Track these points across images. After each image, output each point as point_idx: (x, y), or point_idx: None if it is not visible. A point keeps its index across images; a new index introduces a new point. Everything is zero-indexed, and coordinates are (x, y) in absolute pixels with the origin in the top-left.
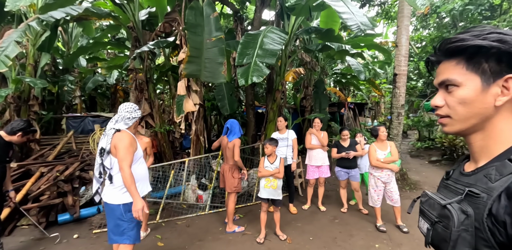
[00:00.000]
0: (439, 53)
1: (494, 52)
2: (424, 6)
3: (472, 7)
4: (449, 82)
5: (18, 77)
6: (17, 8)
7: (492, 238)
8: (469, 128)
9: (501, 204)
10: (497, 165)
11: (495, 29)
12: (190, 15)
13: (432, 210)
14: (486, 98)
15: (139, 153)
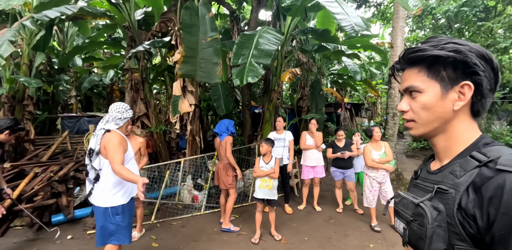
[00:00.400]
0: (403, 62)
1: (450, 61)
2: (416, 7)
3: (467, 8)
4: (412, 89)
5: (12, 77)
6: (10, 7)
7: (463, 231)
8: (432, 131)
9: (470, 198)
10: (460, 161)
11: (452, 39)
12: (185, 15)
13: (406, 209)
14: (446, 103)
15: (130, 154)
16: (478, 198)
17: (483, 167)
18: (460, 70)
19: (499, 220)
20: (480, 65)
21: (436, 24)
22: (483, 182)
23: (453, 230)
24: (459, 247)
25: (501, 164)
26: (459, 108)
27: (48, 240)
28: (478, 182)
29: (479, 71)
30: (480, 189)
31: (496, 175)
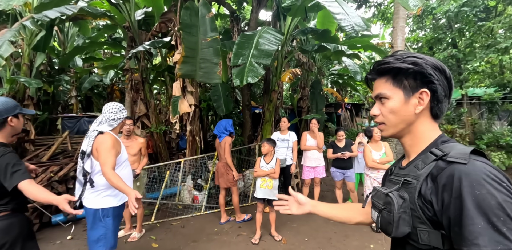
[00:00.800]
0: (373, 72)
1: (410, 72)
2: (416, 7)
3: (468, 8)
4: (381, 96)
5: (12, 77)
6: (10, 7)
7: (423, 215)
8: (399, 132)
9: (428, 186)
10: (422, 157)
11: (412, 54)
12: (185, 16)
13: (379, 200)
14: (408, 107)
15: (123, 156)
16: (434, 186)
17: (439, 160)
18: (418, 80)
19: (452, 203)
20: (434, 75)
21: (437, 24)
22: (439, 173)
23: (415, 214)
24: (421, 229)
25: (451, 157)
26: (420, 111)
27: (48, 240)
28: (434, 172)
29: (434, 80)
30: (436, 178)
31: (448, 166)
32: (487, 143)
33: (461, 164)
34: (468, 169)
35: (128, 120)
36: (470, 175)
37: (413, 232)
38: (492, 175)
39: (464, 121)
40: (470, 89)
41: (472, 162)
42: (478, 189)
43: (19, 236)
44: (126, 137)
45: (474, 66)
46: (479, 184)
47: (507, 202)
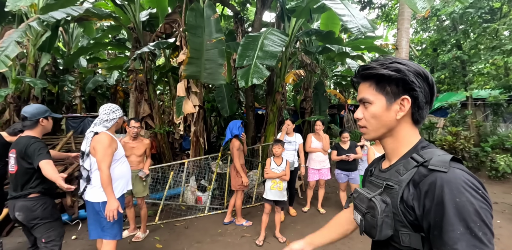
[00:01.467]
0: (358, 76)
1: (393, 79)
2: (424, 10)
3: (472, 10)
4: (364, 100)
5: (18, 77)
6: (17, 8)
7: (405, 219)
8: (381, 135)
9: (410, 192)
10: (403, 162)
11: (396, 59)
12: (191, 17)
13: (362, 203)
14: (390, 113)
15: (120, 153)
16: (416, 192)
17: (420, 166)
18: (401, 86)
19: (433, 209)
20: (416, 82)
21: (441, 26)
22: (421, 179)
23: (397, 218)
24: (402, 232)
25: (432, 165)
26: (401, 117)
27: None
28: (417, 179)
29: (416, 88)
30: (418, 184)
31: (429, 173)
32: (492, 145)
33: (442, 172)
34: (449, 177)
35: (136, 123)
36: (450, 183)
37: (395, 235)
38: (470, 183)
39: (468, 124)
40: (475, 91)
41: (452, 170)
42: (458, 196)
43: (44, 215)
44: (132, 138)
45: (479, 68)
46: (459, 191)
47: (482, 208)
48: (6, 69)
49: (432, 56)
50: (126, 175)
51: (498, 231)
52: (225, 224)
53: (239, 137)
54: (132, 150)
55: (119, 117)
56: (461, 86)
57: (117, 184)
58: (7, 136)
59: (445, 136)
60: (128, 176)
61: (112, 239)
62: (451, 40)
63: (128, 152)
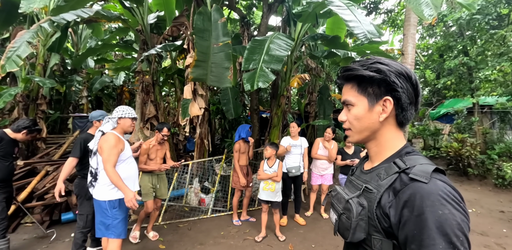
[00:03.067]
0: (340, 78)
1: (374, 79)
2: (431, 17)
3: (480, 16)
4: (347, 102)
5: (27, 77)
6: (31, 10)
7: (379, 224)
8: (365, 138)
9: (388, 199)
10: (385, 166)
11: (378, 59)
12: (198, 20)
13: (339, 203)
14: (372, 115)
15: (126, 154)
16: (395, 200)
17: (401, 173)
18: (382, 87)
19: (413, 221)
20: (398, 82)
21: (447, 32)
22: (401, 188)
23: (371, 223)
24: (375, 237)
25: (413, 174)
26: (384, 119)
27: (57, 238)
28: (397, 187)
29: (398, 88)
30: (398, 193)
31: (410, 182)
32: (499, 153)
33: (422, 183)
34: (431, 188)
35: (168, 132)
36: (431, 195)
37: (368, 239)
38: (451, 195)
39: (475, 131)
40: (481, 98)
41: (433, 181)
42: (441, 209)
43: (84, 193)
44: (159, 143)
45: (486, 74)
46: (440, 204)
47: (463, 222)
48: (17, 69)
49: (438, 62)
50: (132, 175)
51: (504, 240)
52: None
53: (246, 140)
54: (157, 152)
55: (118, 117)
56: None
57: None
58: (11, 133)
59: (451, 142)
60: (134, 176)
61: (117, 237)
62: (458, 46)
63: (154, 154)
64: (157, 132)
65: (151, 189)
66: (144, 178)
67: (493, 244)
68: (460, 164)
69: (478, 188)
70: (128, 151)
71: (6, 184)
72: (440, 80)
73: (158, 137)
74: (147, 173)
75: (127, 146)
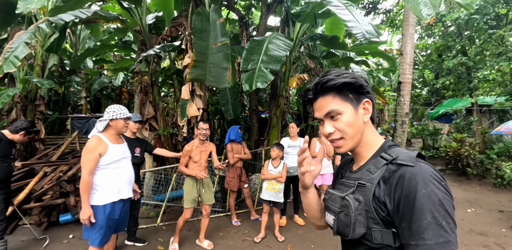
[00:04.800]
0: (316, 92)
1: (352, 85)
2: (430, 16)
3: (478, 16)
4: (334, 112)
5: (26, 77)
6: (28, 10)
7: (377, 215)
8: (357, 142)
9: (381, 188)
10: (373, 161)
11: (344, 71)
12: (197, 21)
13: (334, 203)
14: (359, 118)
15: (109, 159)
16: (387, 188)
17: (389, 164)
18: (359, 91)
19: (402, 201)
20: (368, 85)
21: (446, 32)
22: (390, 175)
23: (369, 216)
24: (375, 229)
25: (400, 160)
26: (367, 120)
27: (55, 239)
28: (387, 175)
29: (369, 90)
30: (389, 180)
31: (398, 168)
32: (498, 152)
33: (409, 166)
34: (416, 170)
35: (204, 125)
36: (417, 175)
37: (368, 233)
38: (434, 175)
39: (474, 130)
40: (480, 98)
41: (418, 164)
42: (424, 187)
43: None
44: (201, 141)
45: (485, 74)
46: (424, 183)
47: (445, 199)
48: (14, 70)
49: (437, 62)
50: (117, 182)
51: (503, 240)
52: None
53: (239, 142)
54: (201, 154)
55: (109, 119)
56: (466, 93)
57: (104, 191)
58: (9, 134)
59: (450, 142)
60: (120, 183)
61: (90, 244)
62: (457, 46)
63: (197, 156)
64: (196, 129)
65: (195, 194)
66: (188, 182)
67: (492, 244)
68: (459, 163)
69: (477, 187)
70: (112, 155)
71: (4, 185)
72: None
73: (199, 134)
74: (191, 177)
75: (112, 150)
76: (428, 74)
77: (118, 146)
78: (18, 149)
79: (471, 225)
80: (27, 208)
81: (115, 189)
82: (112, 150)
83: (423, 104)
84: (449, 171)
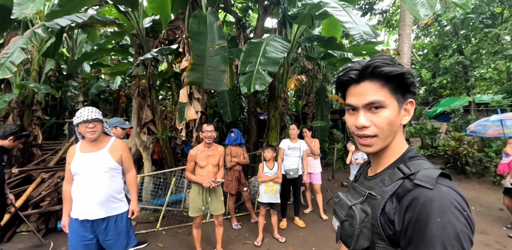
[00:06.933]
0: (364, 75)
1: (406, 80)
2: (427, 17)
3: (474, 15)
4: (378, 104)
5: (22, 83)
6: (23, 15)
7: (383, 232)
8: (386, 145)
9: (392, 205)
10: (389, 172)
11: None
12: (194, 24)
13: (342, 210)
14: (399, 118)
15: (73, 168)
16: (399, 207)
17: (405, 179)
18: (409, 89)
19: (411, 226)
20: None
21: (442, 31)
22: (404, 194)
23: (375, 230)
24: (379, 245)
25: (418, 179)
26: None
27: (54, 247)
28: (400, 193)
29: (415, 90)
30: (402, 199)
31: (414, 188)
32: (496, 150)
33: (427, 189)
34: (434, 195)
35: (208, 126)
36: (434, 201)
37: (371, 247)
38: (455, 203)
39: None
40: (477, 96)
41: (438, 187)
42: (440, 216)
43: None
44: (207, 144)
45: (481, 72)
46: (441, 211)
47: (463, 232)
48: (11, 75)
49: (434, 61)
50: (76, 195)
51: (504, 238)
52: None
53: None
54: (208, 159)
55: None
56: (464, 91)
57: (76, 204)
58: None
59: (448, 141)
60: (80, 198)
61: None
62: (453, 45)
63: (204, 161)
64: (201, 133)
65: (200, 202)
66: (194, 189)
67: (493, 243)
68: (458, 162)
69: (477, 186)
70: (74, 165)
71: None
72: (436, 79)
73: (204, 137)
74: (197, 183)
75: (76, 160)
76: (425, 73)
77: (86, 154)
78: (15, 154)
79: None
80: (24, 215)
81: (77, 204)
82: (76, 159)
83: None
84: (448, 170)
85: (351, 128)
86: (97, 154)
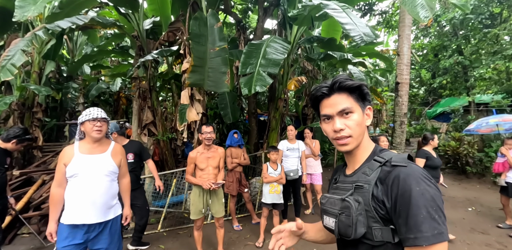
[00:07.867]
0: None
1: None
2: (427, 19)
3: (473, 16)
4: (348, 110)
5: (23, 85)
6: (25, 18)
7: (376, 214)
8: (359, 144)
9: (379, 188)
10: (368, 164)
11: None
12: (194, 25)
13: (333, 206)
14: (364, 120)
15: (70, 170)
16: (384, 187)
17: (383, 166)
18: (366, 98)
19: (399, 199)
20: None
21: (441, 31)
22: (386, 176)
23: (369, 215)
24: (375, 227)
25: (394, 161)
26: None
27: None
28: (382, 176)
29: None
30: (385, 180)
31: (392, 169)
32: (496, 150)
33: (403, 167)
34: (408, 170)
35: (208, 128)
36: (410, 175)
37: (368, 232)
38: (425, 175)
39: None
40: (477, 96)
41: (410, 165)
42: (417, 186)
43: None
44: (206, 146)
45: (481, 73)
46: (417, 182)
47: (436, 195)
48: (12, 78)
49: (433, 61)
50: (76, 201)
51: (505, 238)
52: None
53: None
54: (207, 161)
55: (84, 120)
56: (463, 91)
57: (67, 208)
58: (1, 142)
59: (449, 141)
60: (78, 202)
61: None
62: (452, 46)
63: (203, 163)
64: (200, 135)
65: (201, 205)
66: (194, 191)
67: (494, 243)
68: (458, 162)
69: (477, 186)
70: (73, 167)
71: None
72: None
73: (204, 139)
74: (198, 186)
75: (75, 161)
76: (425, 74)
77: (87, 156)
78: (16, 156)
79: (472, 224)
80: (26, 217)
81: (72, 206)
82: (76, 161)
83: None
84: (448, 170)
85: (329, 134)
86: (100, 157)
